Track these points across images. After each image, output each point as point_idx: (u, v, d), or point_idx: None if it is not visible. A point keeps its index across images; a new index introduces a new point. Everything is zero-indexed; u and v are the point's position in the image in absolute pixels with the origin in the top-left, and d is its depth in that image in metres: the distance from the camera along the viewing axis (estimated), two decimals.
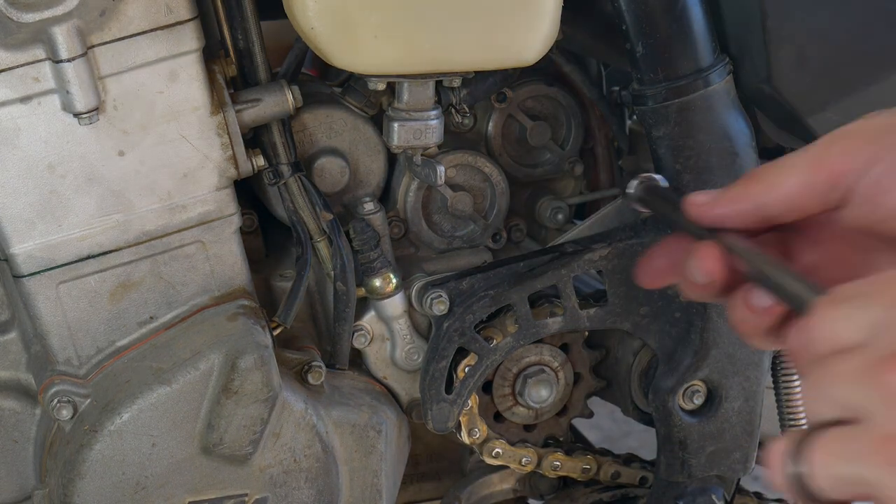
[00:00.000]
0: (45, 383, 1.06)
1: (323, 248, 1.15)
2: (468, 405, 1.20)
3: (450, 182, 1.22)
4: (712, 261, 0.75)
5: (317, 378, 1.14)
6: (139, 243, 1.05)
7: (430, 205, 1.24)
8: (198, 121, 1.03)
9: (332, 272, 1.15)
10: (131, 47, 0.98)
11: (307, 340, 1.20)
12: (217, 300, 1.09)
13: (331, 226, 1.14)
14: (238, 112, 1.06)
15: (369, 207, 1.17)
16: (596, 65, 1.34)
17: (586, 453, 1.29)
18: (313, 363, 1.14)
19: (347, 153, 1.19)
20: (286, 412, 1.09)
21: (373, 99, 1.18)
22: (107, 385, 1.06)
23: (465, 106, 1.20)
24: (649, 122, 1.09)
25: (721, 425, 1.20)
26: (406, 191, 1.22)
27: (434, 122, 1.11)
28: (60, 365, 1.07)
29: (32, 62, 0.95)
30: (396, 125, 1.11)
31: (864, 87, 1.09)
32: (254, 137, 1.12)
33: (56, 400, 1.05)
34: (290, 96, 1.09)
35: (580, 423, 1.39)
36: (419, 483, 1.38)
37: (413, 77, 1.07)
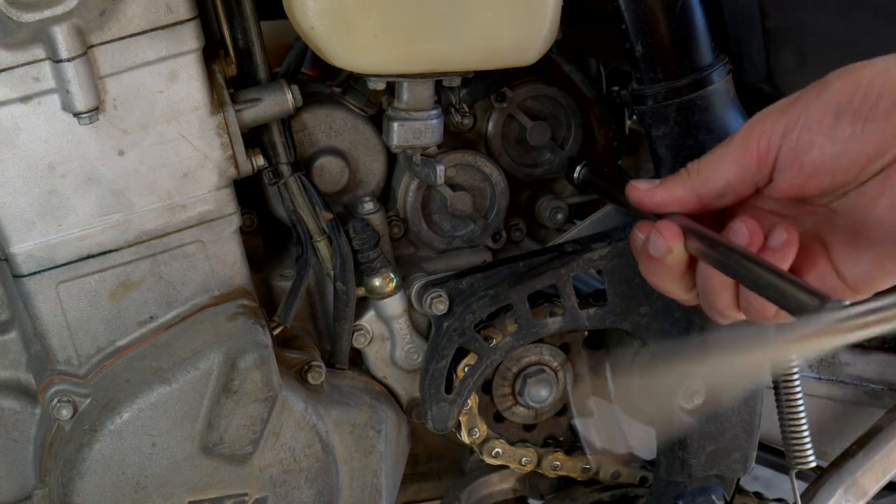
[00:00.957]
0: (45, 383, 1.06)
1: (323, 248, 1.15)
2: (468, 405, 1.20)
3: (449, 182, 1.22)
4: (671, 234, 0.82)
5: (316, 378, 1.14)
6: (139, 243, 1.05)
7: (430, 204, 1.24)
8: (198, 120, 1.03)
9: (332, 272, 1.15)
10: (131, 47, 0.98)
11: (307, 340, 1.20)
12: (217, 300, 1.09)
13: (331, 225, 1.14)
14: (238, 112, 1.06)
15: (369, 207, 1.17)
16: (596, 65, 1.34)
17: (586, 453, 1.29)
18: (313, 363, 1.14)
19: (347, 153, 1.19)
20: (286, 412, 1.09)
21: (373, 99, 1.18)
22: (107, 384, 1.06)
23: (465, 106, 1.20)
24: (649, 122, 1.09)
25: (721, 425, 1.20)
26: (406, 191, 1.22)
27: (434, 122, 1.11)
28: (60, 364, 1.07)
29: (32, 62, 0.95)
30: (396, 125, 1.11)
31: None
32: (254, 137, 1.12)
33: (56, 399, 1.05)
34: (290, 96, 1.09)
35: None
36: (419, 483, 1.38)
37: (413, 77, 1.07)
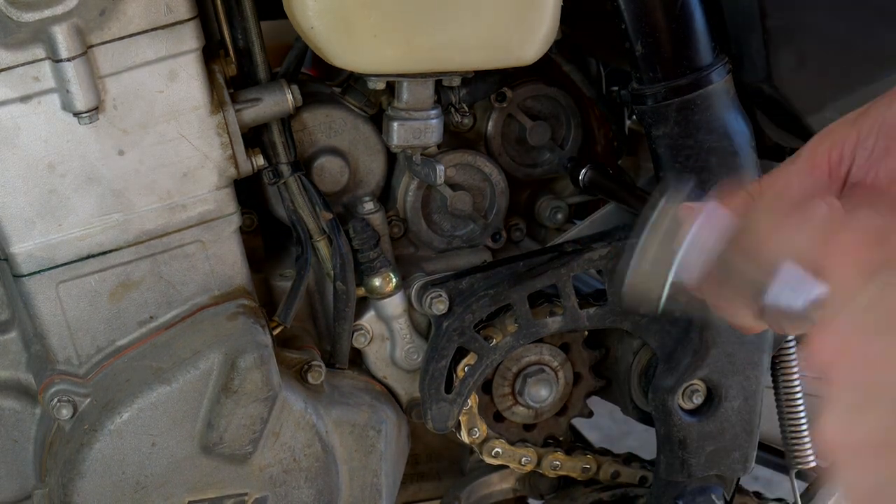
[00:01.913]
0: (45, 383, 1.06)
1: (323, 248, 1.15)
2: (468, 405, 1.20)
3: (449, 181, 1.22)
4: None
5: (316, 377, 1.14)
6: (139, 243, 1.05)
7: (430, 204, 1.24)
8: (197, 120, 1.03)
9: (332, 272, 1.15)
10: (131, 47, 0.98)
11: (307, 340, 1.20)
12: (217, 300, 1.09)
13: (330, 225, 1.14)
14: (238, 111, 1.06)
15: (369, 207, 1.17)
16: (596, 64, 1.34)
17: (586, 453, 1.29)
18: (313, 363, 1.14)
19: (347, 153, 1.19)
20: (286, 411, 1.09)
21: (373, 98, 1.18)
22: (107, 384, 1.06)
23: (465, 106, 1.20)
24: (649, 122, 1.09)
25: (721, 425, 1.20)
26: (406, 190, 1.22)
27: (434, 122, 1.11)
28: (60, 364, 1.07)
29: (32, 61, 0.95)
30: (396, 125, 1.11)
31: (864, 87, 1.09)
32: (254, 137, 1.12)
33: (56, 399, 1.05)
34: (290, 96, 1.09)
35: (580, 423, 1.39)
36: (419, 483, 1.38)
37: (413, 76, 1.07)
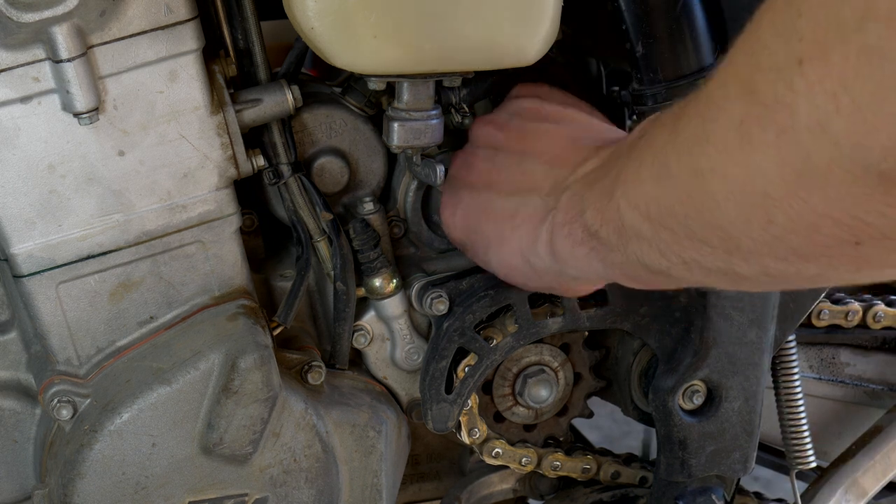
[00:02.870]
0: (45, 383, 1.06)
1: (323, 248, 1.15)
2: (468, 405, 1.20)
3: None
4: None
5: (317, 378, 1.14)
6: (139, 243, 1.05)
7: (431, 204, 1.24)
8: (198, 121, 1.03)
9: (332, 272, 1.15)
10: (131, 47, 0.98)
11: (307, 340, 1.20)
12: (217, 300, 1.09)
13: (331, 226, 1.14)
14: (238, 112, 1.06)
15: (369, 207, 1.17)
16: (596, 64, 1.34)
17: (586, 453, 1.29)
18: (313, 363, 1.14)
19: (347, 153, 1.19)
20: (286, 412, 1.09)
21: (373, 99, 1.18)
22: (107, 385, 1.06)
23: (465, 106, 1.20)
24: None
25: (721, 425, 1.20)
26: (406, 191, 1.22)
27: (434, 122, 1.11)
28: (60, 365, 1.07)
29: (32, 62, 0.95)
30: (396, 125, 1.11)
31: None
32: (254, 137, 1.12)
33: (56, 400, 1.05)
34: (290, 96, 1.09)
35: (580, 423, 1.39)
36: (419, 483, 1.38)
37: (413, 77, 1.07)
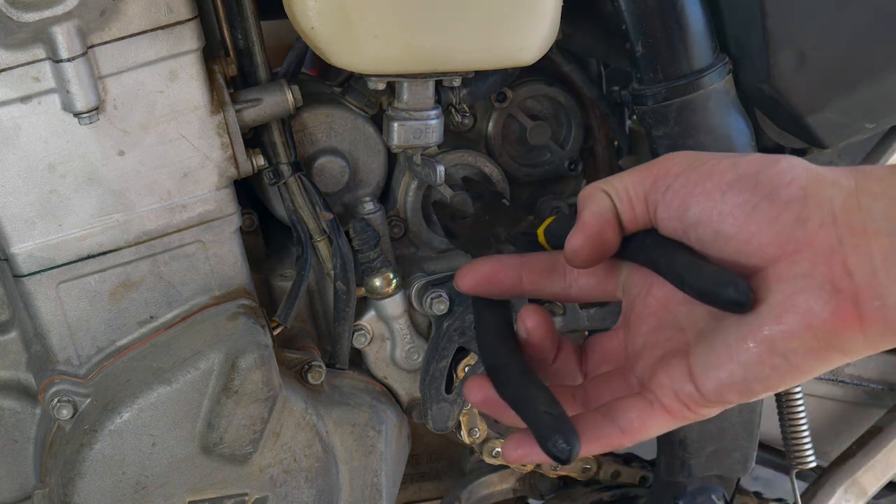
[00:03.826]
0: (46, 383, 1.06)
1: (323, 248, 1.15)
2: (468, 405, 1.20)
3: (450, 182, 1.22)
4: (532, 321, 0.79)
5: (317, 378, 1.14)
6: (139, 243, 1.05)
7: (430, 205, 1.24)
8: (198, 120, 1.03)
9: (332, 272, 1.15)
10: (131, 47, 0.98)
11: (307, 340, 1.20)
12: (217, 300, 1.09)
13: (331, 225, 1.14)
14: (238, 112, 1.06)
15: (369, 207, 1.17)
16: (596, 64, 1.34)
17: None
18: (313, 363, 1.14)
19: (347, 153, 1.19)
20: (286, 412, 1.09)
21: (373, 98, 1.18)
22: (107, 384, 1.06)
23: (465, 106, 1.20)
24: (649, 122, 1.09)
25: (721, 425, 1.20)
26: (406, 190, 1.22)
27: (434, 122, 1.11)
28: (60, 364, 1.07)
29: (32, 62, 0.95)
30: (396, 125, 1.11)
31: (864, 87, 1.09)
32: (254, 137, 1.12)
33: (56, 399, 1.05)
34: (290, 96, 1.09)
35: None
36: (419, 483, 1.38)
37: (413, 77, 1.07)
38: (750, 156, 0.70)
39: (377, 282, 1.16)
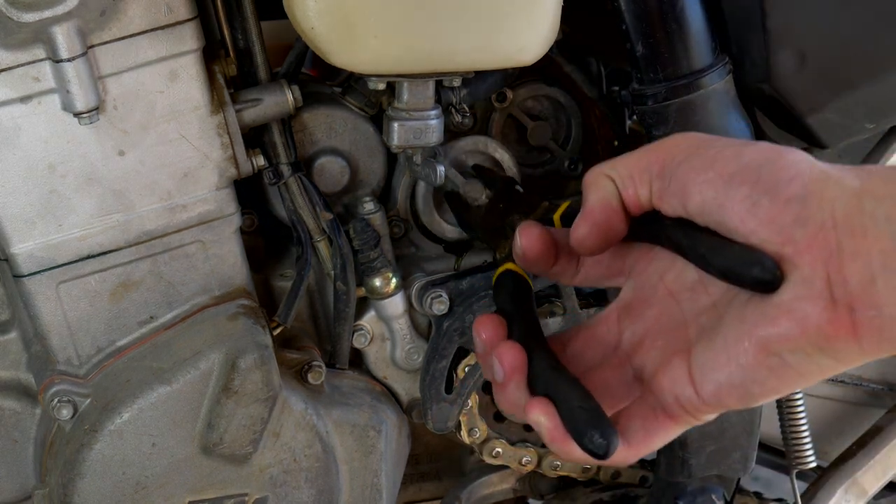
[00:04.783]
0: (46, 383, 1.06)
1: (323, 248, 1.15)
2: (468, 405, 1.20)
3: (461, 169, 1.22)
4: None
5: (317, 378, 1.14)
6: (139, 243, 1.05)
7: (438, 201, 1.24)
8: (198, 120, 1.03)
9: (332, 272, 1.15)
10: (131, 47, 0.98)
11: (307, 340, 1.20)
12: (217, 300, 1.09)
13: (331, 225, 1.14)
14: (238, 112, 1.06)
15: (369, 207, 1.17)
16: (596, 64, 1.34)
17: None
18: (313, 363, 1.14)
19: (347, 153, 1.19)
20: (286, 412, 1.09)
21: (373, 99, 1.18)
22: (107, 385, 1.06)
23: (465, 106, 1.20)
24: (649, 122, 1.09)
25: (721, 425, 1.20)
26: (406, 190, 1.22)
27: (434, 122, 1.11)
28: (60, 365, 1.07)
29: (33, 62, 0.95)
30: (396, 125, 1.11)
31: (864, 87, 1.09)
32: (254, 137, 1.12)
33: (56, 400, 1.05)
34: (290, 96, 1.09)
35: None
36: (419, 483, 1.38)
37: (413, 77, 1.07)
38: (755, 146, 0.69)
39: (377, 282, 1.16)
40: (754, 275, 0.65)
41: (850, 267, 0.63)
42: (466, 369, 1.16)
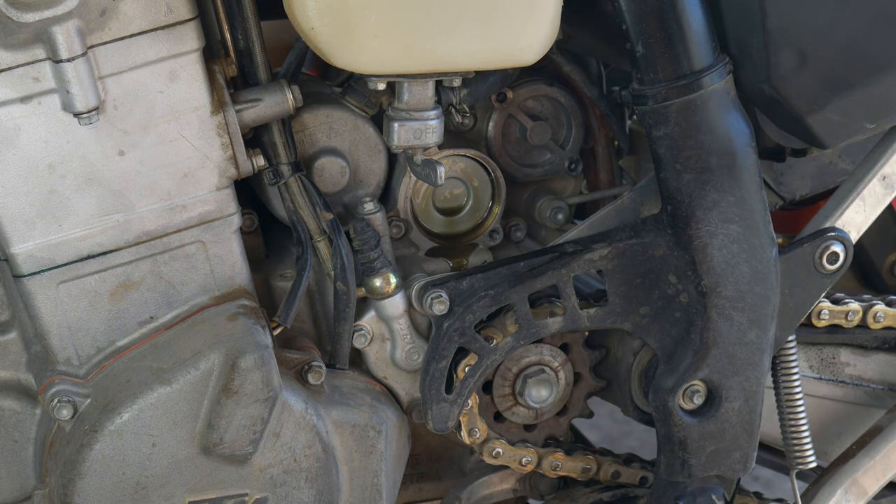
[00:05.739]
0: (46, 383, 1.06)
1: (323, 248, 1.15)
2: (468, 405, 1.20)
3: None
4: None
5: (317, 378, 1.14)
6: (139, 243, 1.05)
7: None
8: (198, 121, 1.03)
9: (332, 272, 1.15)
10: (131, 47, 0.98)
11: (307, 340, 1.20)
12: (217, 300, 1.09)
13: (331, 226, 1.14)
14: (238, 112, 1.06)
15: (369, 207, 1.17)
16: (596, 64, 1.34)
17: (586, 453, 1.29)
18: (313, 363, 1.14)
19: (347, 153, 1.19)
20: (286, 412, 1.09)
21: (373, 99, 1.18)
22: (107, 385, 1.06)
23: (465, 106, 1.20)
24: (649, 122, 1.09)
25: (721, 425, 1.20)
26: (406, 190, 1.22)
27: (434, 122, 1.11)
28: (60, 365, 1.07)
29: (32, 62, 0.95)
30: (396, 125, 1.11)
31: (864, 87, 1.09)
32: (254, 137, 1.12)
33: (56, 400, 1.05)
34: (291, 96, 1.09)
35: (580, 423, 1.39)
36: (419, 483, 1.38)
37: (413, 77, 1.07)
38: None
39: (377, 282, 1.16)
40: None
41: None
42: (466, 369, 1.16)
